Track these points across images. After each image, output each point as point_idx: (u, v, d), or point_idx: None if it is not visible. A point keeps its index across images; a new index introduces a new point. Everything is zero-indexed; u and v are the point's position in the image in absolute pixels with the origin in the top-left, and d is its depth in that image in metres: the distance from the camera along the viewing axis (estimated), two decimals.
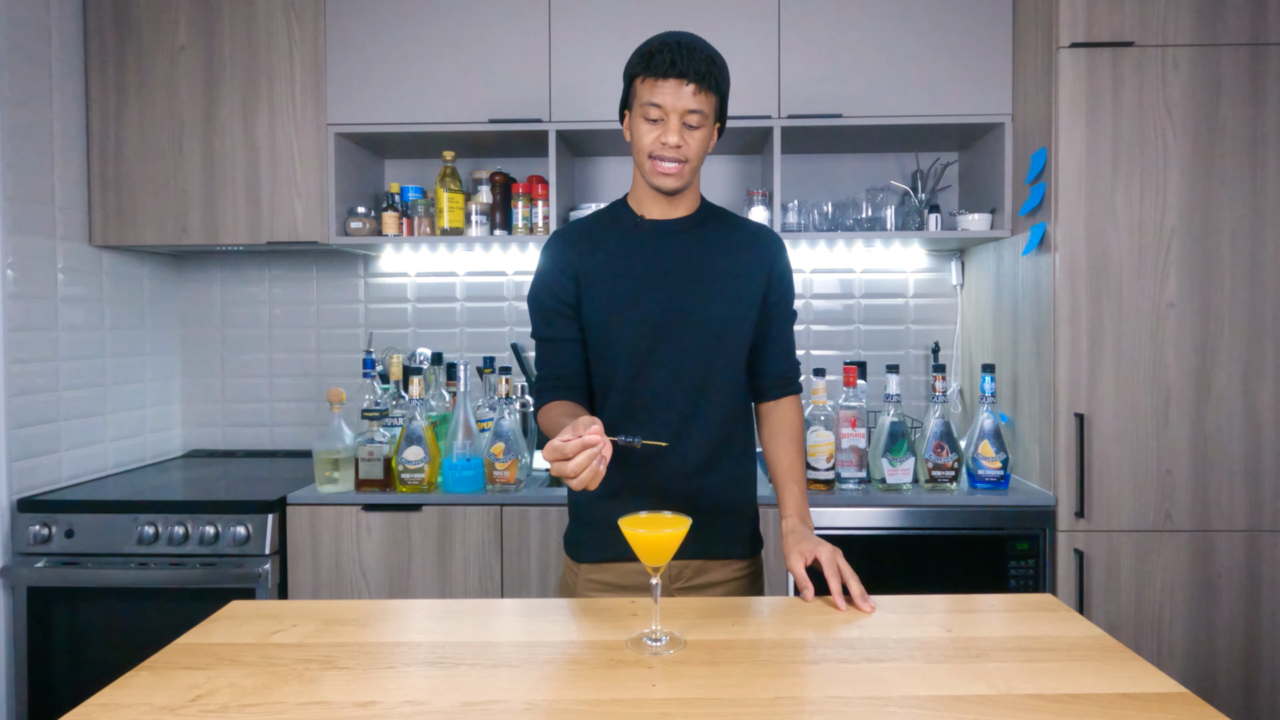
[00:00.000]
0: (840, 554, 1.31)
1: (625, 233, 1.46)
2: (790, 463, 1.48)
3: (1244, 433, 2.02)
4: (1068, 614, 1.21)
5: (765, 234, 1.51)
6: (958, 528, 2.06)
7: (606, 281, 1.43)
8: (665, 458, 1.40)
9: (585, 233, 1.48)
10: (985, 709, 0.92)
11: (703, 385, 1.43)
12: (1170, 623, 2.04)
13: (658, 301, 1.41)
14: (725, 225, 1.49)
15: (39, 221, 2.22)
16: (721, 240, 1.46)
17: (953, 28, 2.30)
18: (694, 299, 1.42)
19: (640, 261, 1.43)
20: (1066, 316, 2.05)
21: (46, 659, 2.08)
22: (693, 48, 1.33)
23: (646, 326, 1.41)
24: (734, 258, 1.45)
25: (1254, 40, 2.00)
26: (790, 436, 1.49)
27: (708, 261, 1.44)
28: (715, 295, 1.42)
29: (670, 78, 1.32)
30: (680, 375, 1.42)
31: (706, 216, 1.49)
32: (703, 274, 1.43)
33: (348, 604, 1.27)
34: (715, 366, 1.43)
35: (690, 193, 1.46)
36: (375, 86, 2.37)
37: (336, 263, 2.77)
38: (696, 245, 1.44)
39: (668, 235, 1.45)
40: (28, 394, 2.17)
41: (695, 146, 1.36)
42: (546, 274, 1.46)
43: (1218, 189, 2.02)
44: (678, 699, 0.95)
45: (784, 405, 1.52)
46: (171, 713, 0.93)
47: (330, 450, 2.15)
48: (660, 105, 1.33)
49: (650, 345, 1.41)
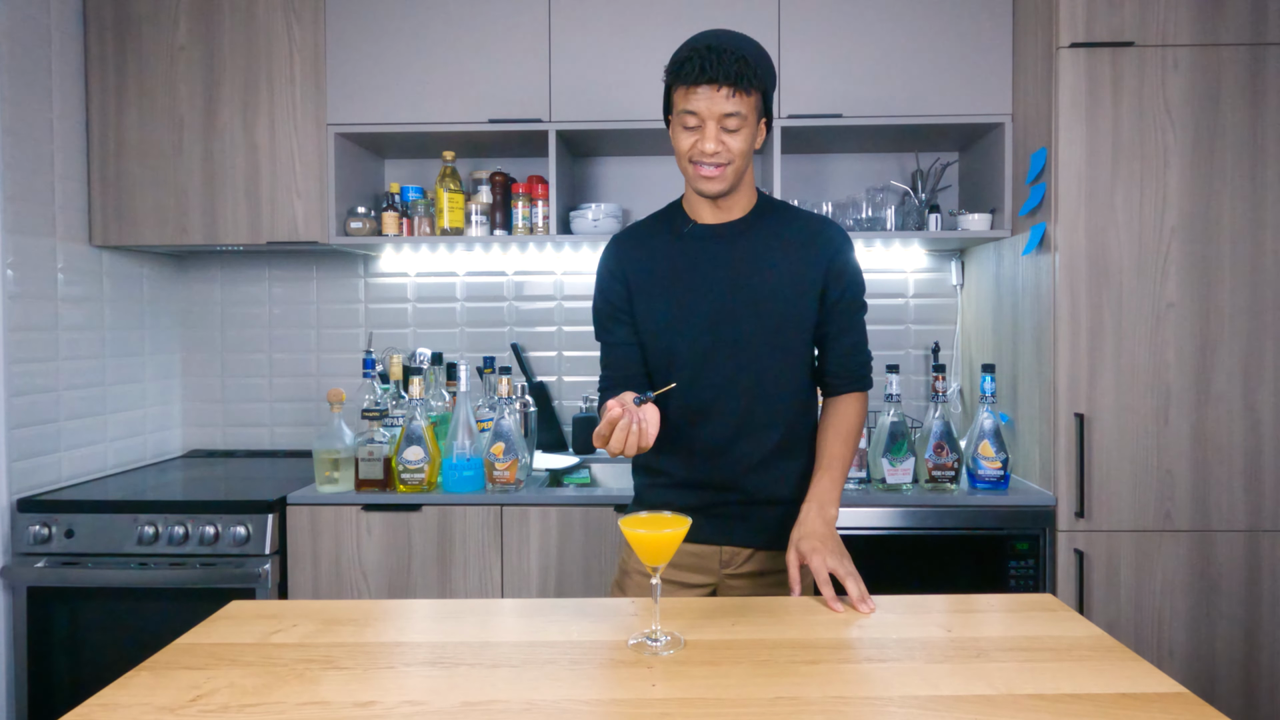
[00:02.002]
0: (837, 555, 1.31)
1: (677, 238, 1.47)
2: (832, 452, 1.46)
3: (1244, 433, 2.02)
4: (1068, 614, 1.21)
5: (824, 228, 1.48)
6: (958, 528, 2.06)
7: (659, 287, 1.45)
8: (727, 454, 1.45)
9: (638, 238, 1.51)
10: (985, 709, 0.92)
11: (763, 386, 1.44)
12: (1170, 623, 2.04)
13: (710, 307, 1.43)
14: (782, 222, 1.47)
15: (39, 221, 2.22)
16: (776, 239, 1.45)
17: (953, 28, 2.30)
18: (748, 302, 1.42)
19: (689, 267, 1.45)
20: (1066, 316, 2.05)
21: (46, 659, 2.08)
22: (722, 51, 1.31)
23: (700, 332, 1.43)
24: (790, 256, 1.44)
25: (1254, 40, 2.00)
26: (839, 429, 1.48)
27: (762, 262, 1.43)
28: (771, 296, 1.42)
29: (702, 84, 1.32)
30: (739, 378, 1.44)
31: (762, 215, 1.47)
32: (756, 276, 1.43)
33: (348, 604, 1.27)
34: (775, 367, 1.44)
35: (743, 193, 1.45)
36: (375, 86, 2.37)
37: (336, 263, 2.77)
38: (748, 248, 1.44)
39: (719, 240, 1.45)
40: (28, 394, 2.17)
41: (737, 148, 1.36)
42: (601, 279, 1.51)
43: (1218, 189, 2.02)
44: (678, 699, 0.95)
45: (845, 400, 1.50)
46: (171, 713, 0.93)
47: (330, 450, 2.15)
48: (695, 112, 1.33)
49: (706, 350, 1.43)
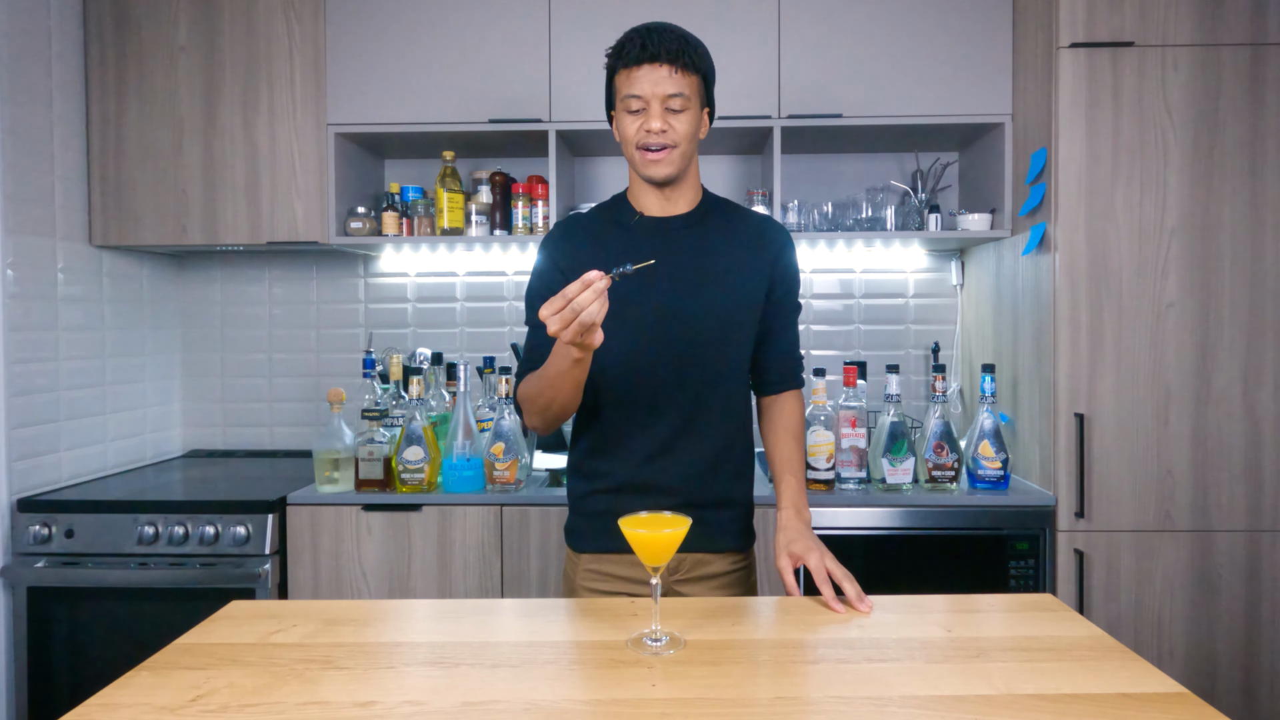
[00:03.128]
0: (830, 555, 1.31)
1: (623, 230, 1.43)
2: (789, 455, 1.47)
3: (1244, 433, 2.02)
4: (1068, 614, 1.21)
5: (770, 227, 1.48)
6: (958, 528, 2.06)
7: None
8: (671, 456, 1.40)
9: (583, 228, 1.46)
10: (985, 709, 0.92)
11: (708, 384, 1.41)
12: (1170, 623, 2.04)
13: (655, 301, 1.38)
14: (728, 219, 1.46)
15: (39, 221, 2.22)
16: (723, 235, 1.43)
17: (953, 28, 2.30)
18: (694, 297, 1.39)
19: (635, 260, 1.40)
20: (1066, 316, 2.05)
21: (46, 659, 2.08)
22: (663, 30, 1.31)
23: (644, 327, 1.38)
24: (736, 254, 1.42)
25: (1254, 40, 2.00)
26: (791, 431, 1.49)
27: (708, 258, 1.41)
28: (716, 293, 1.40)
29: (644, 63, 1.30)
30: (683, 375, 1.40)
31: (709, 211, 1.46)
32: (703, 272, 1.40)
33: (348, 604, 1.27)
34: (719, 365, 1.41)
35: (688, 186, 1.43)
36: (375, 86, 2.37)
37: (336, 263, 2.77)
38: (696, 242, 1.42)
39: (666, 233, 1.42)
40: (28, 394, 2.17)
41: (682, 129, 1.33)
42: (541, 269, 1.45)
43: (1218, 189, 2.02)
44: (678, 699, 0.95)
45: (785, 399, 1.50)
46: (171, 713, 0.93)
47: (330, 450, 2.15)
48: (639, 95, 1.31)
49: (650, 345, 1.39)
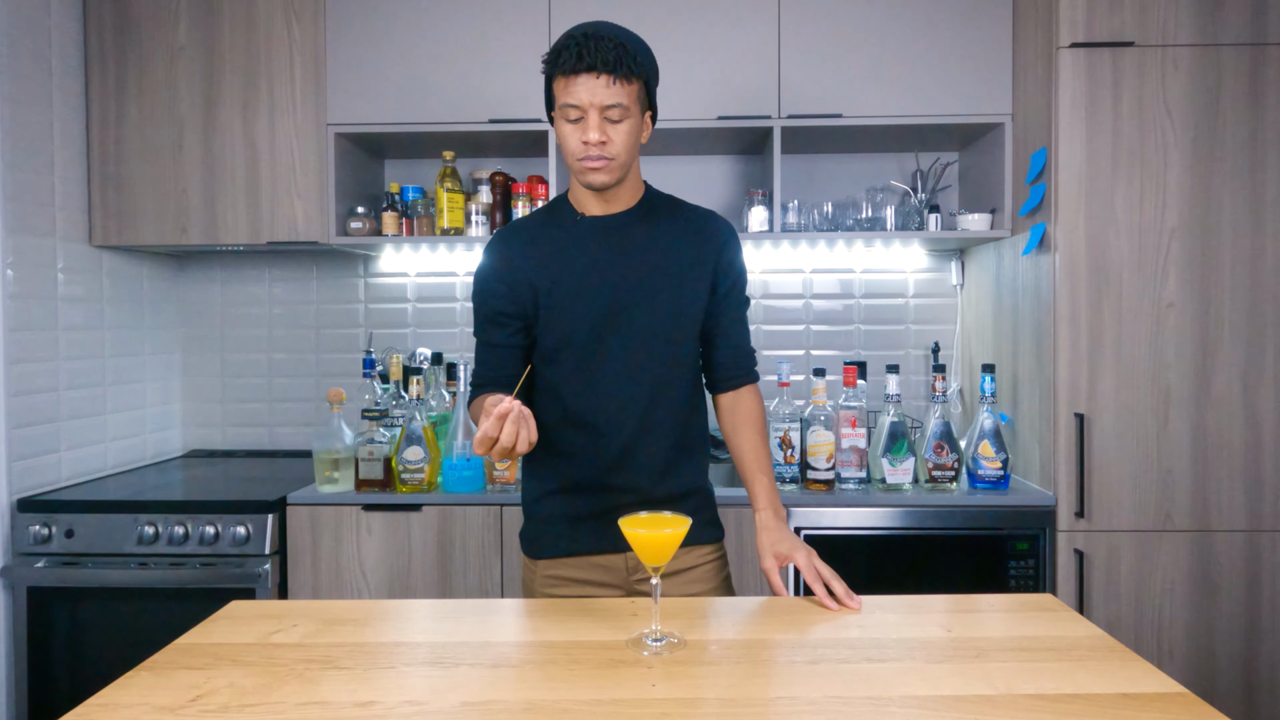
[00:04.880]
0: (815, 554, 1.31)
1: (565, 231, 1.42)
2: (757, 454, 1.45)
3: (1244, 433, 2.02)
4: (1068, 614, 1.21)
5: (711, 222, 1.47)
6: (958, 528, 2.06)
7: (548, 283, 1.39)
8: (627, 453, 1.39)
9: (524, 233, 1.44)
10: (985, 709, 0.92)
11: (660, 382, 1.41)
12: (1170, 623, 2.04)
13: (601, 300, 1.38)
14: (670, 215, 1.45)
15: (39, 221, 2.22)
16: (665, 232, 1.43)
17: (953, 28, 2.30)
18: (639, 295, 1.38)
19: (580, 260, 1.39)
20: (1066, 316, 2.05)
21: (46, 659, 2.08)
22: (600, 37, 1.26)
23: (591, 326, 1.38)
24: (679, 249, 1.42)
25: (1254, 40, 2.00)
26: (754, 427, 1.47)
27: (651, 255, 1.40)
28: (661, 289, 1.39)
29: (580, 73, 1.26)
30: (634, 373, 1.39)
31: (650, 208, 1.44)
32: (646, 269, 1.40)
33: (348, 604, 1.27)
34: (669, 362, 1.41)
35: (629, 186, 1.41)
36: (375, 86, 2.37)
37: (336, 263, 2.77)
38: (638, 239, 1.41)
39: (608, 231, 1.41)
40: (28, 394, 2.17)
41: (620, 141, 1.30)
42: (484, 277, 1.43)
43: (1218, 189, 2.02)
44: (678, 699, 0.95)
45: (743, 395, 1.48)
46: (171, 713, 0.93)
47: (330, 450, 2.15)
48: (577, 104, 1.28)
49: (599, 344, 1.38)
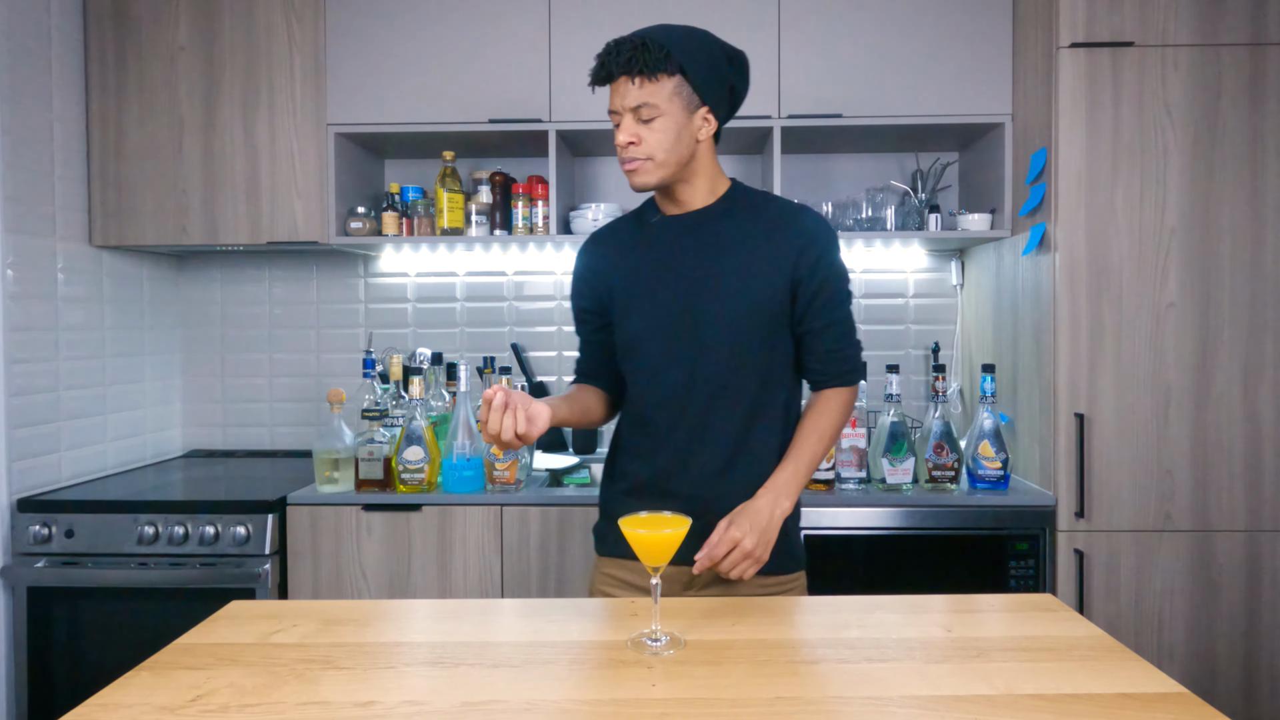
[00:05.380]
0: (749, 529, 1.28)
1: (642, 231, 1.45)
2: (799, 443, 1.40)
3: (1244, 433, 2.02)
4: (1068, 614, 1.21)
5: (797, 217, 1.40)
6: (958, 528, 2.06)
7: (623, 281, 1.43)
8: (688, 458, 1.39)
9: (611, 233, 1.50)
10: (985, 709, 0.92)
11: (721, 384, 1.38)
12: (1170, 623, 2.04)
13: (669, 300, 1.38)
14: (751, 212, 1.41)
15: (39, 221, 2.22)
16: (742, 230, 1.39)
17: (953, 28, 2.30)
18: (706, 296, 1.37)
19: (650, 260, 1.41)
20: (1066, 316, 2.05)
21: (46, 659, 2.08)
22: (622, 42, 1.28)
23: (659, 326, 1.39)
24: (756, 246, 1.37)
25: (1254, 40, 2.00)
26: (815, 423, 1.41)
27: (723, 255, 1.37)
28: (730, 291, 1.36)
29: (608, 82, 1.31)
30: (696, 374, 1.38)
31: (731, 205, 1.41)
32: (716, 269, 1.37)
33: (348, 604, 1.27)
34: (733, 365, 1.37)
35: (701, 184, 1.40)
36: (375, 86, 2.37)
37: (336, 263, 2.77)
38: (710, 238, 1.39)
39: (680, 230, 1.41)
40: (28, 394, 2.17)
41: (655, 139, 1.30)
42: (574, 275, 1.52)
43: (1218, 189, 2.02)
44: (678, 699, 0.95)
45: (825, 395, 1.43)
46: (171, 713, 0.93)
47: (330, 450, 2.15)
48: (614, 109, 1.32)
49: (665, 344, 1.39)
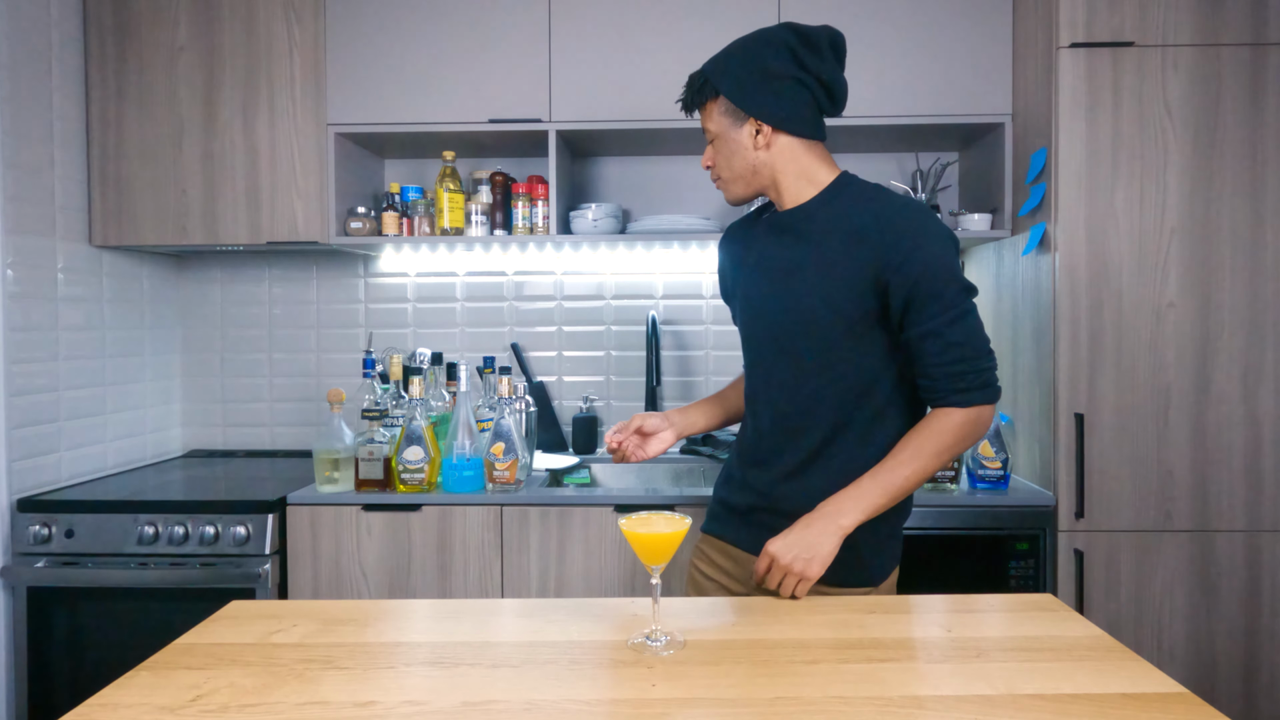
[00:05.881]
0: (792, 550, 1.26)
1: (756, 227, 1.51)
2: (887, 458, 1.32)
3: (1244, 433, 2.02)
4: (1068, 614, 1.21)
5: (884, 215, 1.31)
6: (958, 528, 2.06)
7: (737, 275, 1.53)
8: (768, 455, 1.43)
9: (739, 226, 1.58)
10: (985, 709, 0.92)
11: (803, 385, 1.37)
12: (1170, 623, 2.04)
13: (759, 297, 1.43)
14: (847, 208, 1.35)
15: (39, 221, 2.22)
16: (827, 231, 1.35)
17: (953, 28, 2.30)
18: (782, 301, 1.38)
19: (754, 256, 1.47)
20: (1066, 316, 2.05)
21: (46, 659, 2.08)
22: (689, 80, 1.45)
23: (753, 323, 1.45)
24: (838, 246, 1.33)
25: (1254, 40, 2.00)
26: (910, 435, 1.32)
27: (807, 254, 1.36)
28: (805, 297, 1.35)
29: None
30: (782, 373, 1.40)
31: (831, 199, 1.38)
32: (795, 273, 1.37)
33: (348, 604, 1.27)
34: (812, 368, 1.36)
35: (788, 182, 1.40)
36: (375, 86, 2.37)
37: (336, 263, 2.77)
38: (797, 235, 1.39)
39: (777, 227, 1.43)
40: (28, 394, 2.17)
41: (720, 159, 1.44)
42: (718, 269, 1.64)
43: (1218, 189, 2.02)
44: (678, 699, 0.95)
45: (933, 414, 1.33)
46: (171, 713, 0.93)
47: (330, 450, 2.15)
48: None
49: (760, 342, 1.44)
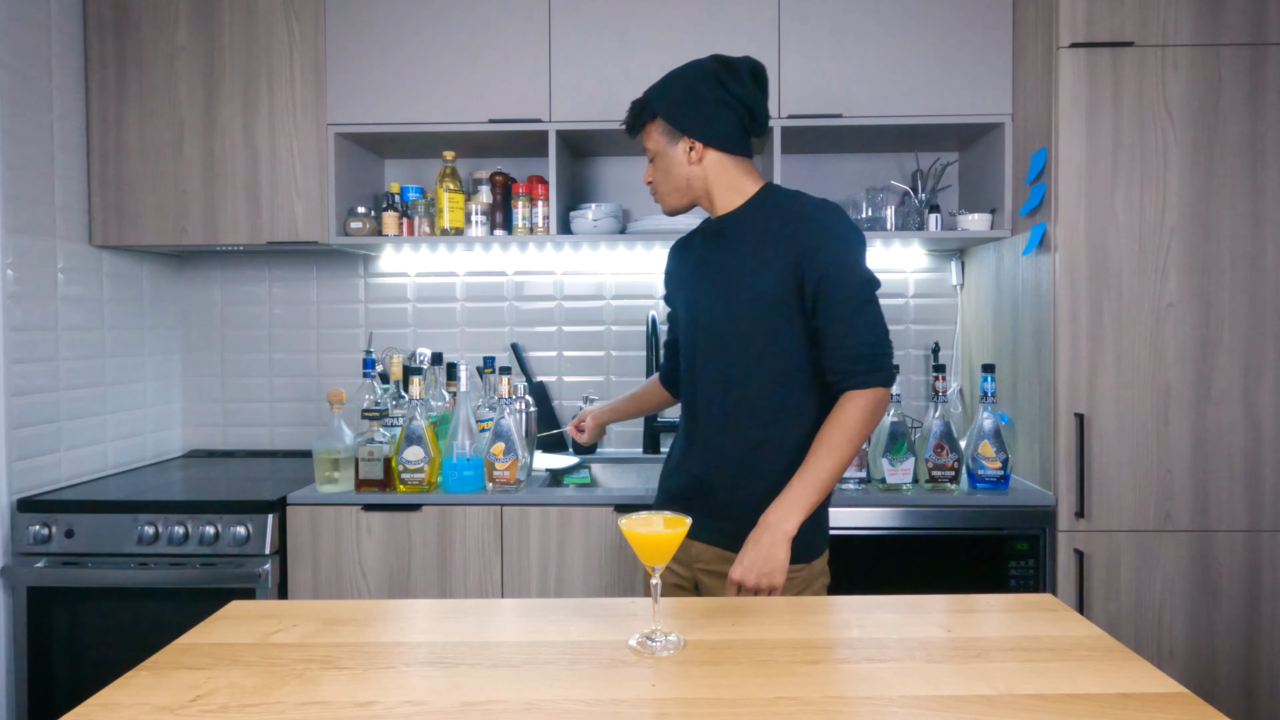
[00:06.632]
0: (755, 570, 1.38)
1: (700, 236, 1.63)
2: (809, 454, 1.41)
3: (1244, 433, 2.02)
4: (1068, 614, 1.21)
5: (799, 216, 1.45)
6: (958, 528, 2.06)
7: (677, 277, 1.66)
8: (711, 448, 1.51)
9: (685, 238, 1.70)
10: (985, 709, 0.92)
11: (736, 384, 1.49)
12: (1170, 623, 2.04)
13: (692, 303, 1.56)
14: (772, 211, 1.49)
15: (39, 221, 2.22)
16: (751, 233, 1.50)
17: (953, 28, 2.30)
18: (715, 299, 1.51)
19: (690, 263, 1.60)
20: (1066, 316, 2.05)
21: (46, 659, 2.08)
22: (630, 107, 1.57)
23: (688, 327, 1.58)
24: (761, 246, 1.47)
25: (1254, 40, 2.00)
26: (824, 430, 1.41)
27: (733, 259, 1.50)
28: (735, 288, 1.48)
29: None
30: (717, 374, 1.51)
31: (755, 207, 1.52)
32: (726, 272, 1.51)
33: (348, 604, 1.27)
34: (743, 365, 1.48)
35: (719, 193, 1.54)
36: (375, 86, 2.37)
37: (336, 263, 2.77)
38: (730, 240, 1.52)
39: (710, 235, 1.58)
40: (28, 394, 2.17)
41: (657, 176, 1.57)
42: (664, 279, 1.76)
43: (1218, 189, 2.02)
44: (678, 699, 0.95)
45: (842, 399, 1.42)
46: (171, 713, 0.93)
47: (330, 450, 2.15)
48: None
49: (693, 345, 1.57)
